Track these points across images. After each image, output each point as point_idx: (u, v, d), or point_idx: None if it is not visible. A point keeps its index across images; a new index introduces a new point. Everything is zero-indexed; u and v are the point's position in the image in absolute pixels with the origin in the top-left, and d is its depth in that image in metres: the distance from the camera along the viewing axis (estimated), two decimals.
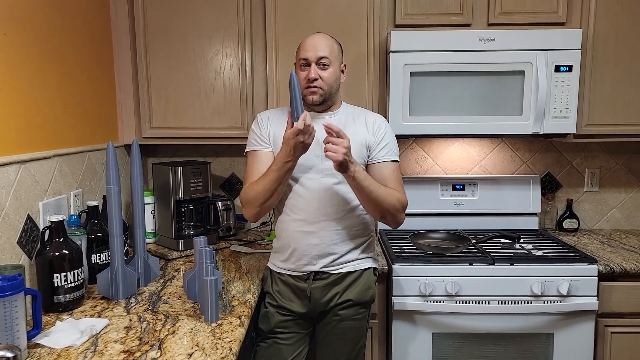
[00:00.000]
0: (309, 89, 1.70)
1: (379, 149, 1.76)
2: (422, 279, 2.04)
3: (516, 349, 2.08)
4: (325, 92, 1.71)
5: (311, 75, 1.68)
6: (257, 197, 1.67)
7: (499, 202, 2.58)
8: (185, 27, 2.27)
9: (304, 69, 1.71)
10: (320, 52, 1.69)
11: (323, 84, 1.70)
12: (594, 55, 2.25)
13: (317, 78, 1.69)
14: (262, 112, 1.88)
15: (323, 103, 1.74)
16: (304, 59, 1.70)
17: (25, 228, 1.59)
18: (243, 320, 1.50)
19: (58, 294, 1.54)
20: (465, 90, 2.20)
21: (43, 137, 1.74)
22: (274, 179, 1.63)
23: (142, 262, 1.79)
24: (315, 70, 1.68)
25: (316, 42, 1.70)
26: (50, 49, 1.78)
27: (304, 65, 1.71)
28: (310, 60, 1.69)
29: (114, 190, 1.63)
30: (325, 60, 1.69)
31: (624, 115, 2.28)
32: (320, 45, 1.70)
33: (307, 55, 1.69)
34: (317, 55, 1.68)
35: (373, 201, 1.66)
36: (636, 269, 2.05)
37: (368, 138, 1.76)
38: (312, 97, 1.71)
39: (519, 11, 2.24)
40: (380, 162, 1.76)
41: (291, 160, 1.61)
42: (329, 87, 1.71)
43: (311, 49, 1.69)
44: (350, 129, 1.74)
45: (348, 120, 1.78)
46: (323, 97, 1.72)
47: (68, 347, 1.32)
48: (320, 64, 1.69)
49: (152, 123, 2.33)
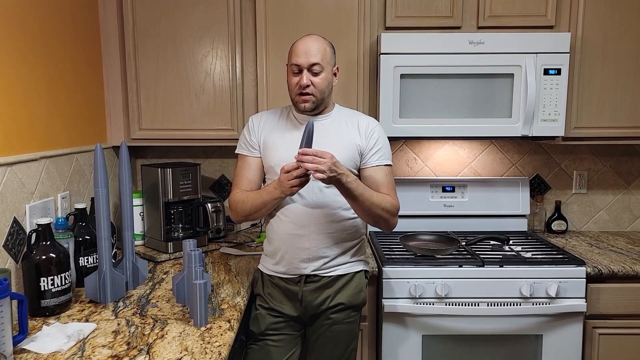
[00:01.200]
0: (300, 96, 1.69)
1: (372, 154, 1.75)
2: (412, 281, 2.04)
3: (505, 350, 2.09)
4: (317, 98, 1.70)
5: (303, 82, 1.66)
6: (244, 210, 1.73)
7: (489, 204, 2.59)
8: (175, 27, 2.25)
9: (296, 74, 1.69)
10: (313, 58, 1.66)
11: (315, 90, 1.68)
12: (582, 58, 2.27)
13: (309, 84, 1.67)
14: (254, 116, 1.87)
15: (315, 109, 1.73)
16: (296, 64, 1.67)
17: (12, 231, 1.57)
18: (232, 324, 1.49)
19: (45, 297, 1.52)
20: (455, 92, 2.21)
21: (30, 139, 1.71)
22: (264, 201, 1.68)
23: (130, 265, 1.77)
24: (307, 76, 1.66)
25: (308, 46, 1.67)
26: (37, 48, 1.76)
27: (296, 71, 1.69)
28: (302, 66, 1.66)
29: (102, 192, 1.62)
30: (317, 67, 1.67)
31: (612, 118, 2.31)
32: (312, 50, 1.67)
33: (298, 62, 1.67)
34: (310, 61, 1.66)
35: (367, 209, 1.66)
36: (623, 271, 2.07)
37: (361, 142, 1.75)
38: (304, 104, 1.70)
39: (509, 14, 2.26)
40: (373, 166, 1.75)
41: (280, 197, 1.64)
42: (321, 93, 1.70)
43: (303, 54, 1.66)
44: (342, 133, 1.74)
45: (340, 123, 1.78)
46: (315, 104, 1.71)
47: (55, 352, 1.30)
48: (312, 70, 1.67)
49: (141, 124, 2.31)
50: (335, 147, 1.64)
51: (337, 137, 1.73)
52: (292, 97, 1.73)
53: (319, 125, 1.74)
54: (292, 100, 1.75)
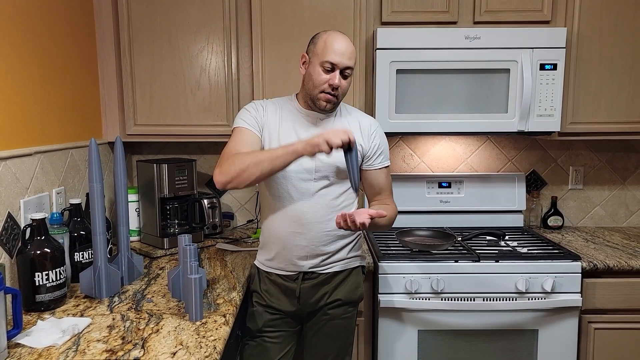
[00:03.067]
0: (327, 94, 1.65)
1: (375, 157, 1.76)
2: (408, 276, 2.04)
3: (501, 345, 2.09)
4: (338, 101, 1.69)
5: (335, 82, 1.62)
6: (242, 162, 1.54)
7: (485, 199, 2.59)
8: (170, 23, 2.25)
9: (327, 72, 1.63)
10: (349, 62, 1.63)
11: (340, 93, 1.67)
12: (578, 53, 2.27)
13: (339, 86, 1.64)
14: (257, 101, 1.80)
15: (331, 110, 1.72)
16: (332, 63, 1.62)
17: (6, 226, 1.56)
18: (228, 318, 1.49)
19: (39, 292, 1.52)
20: (451, 88, 2.21)
21: (24, 134, 1.70)
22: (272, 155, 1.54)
23: (125, 260, 1.77)
24: (339, 78, 1.63)
25: (345, 48, 1.63)
26: (32, 43, 1.75)
27: (329, 69, 1.63)
28: (338, 66, 1.62)
29: (97, 187, 1.61)
30: (349, 71, 1.65)
31: (608, 114, 2.31)
32: (349, 52, 1.63)
33: (336, 60, 1.61)
34: (346, 64, 1.62)
35: (379, 228, 1.73)
36: (619, 266, 2.08)
37: (363, 144, 1.74)
38: (327, 104, 1.67)
39: (505, 9, 2.26)
40: (376, 169, 1.77)
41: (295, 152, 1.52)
42: (343, 96, 1.70)
43: (340, 54, 1.61)
44: None
45: (343, 122, 1.76)
46: (335, 106, 1.71)
47: (49, 347, 1.30)
48: (343, 73, 1.64)
49: (136, 120, 2.31)
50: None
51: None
52: (315, 92, 1.66)
53: (322, 122, 1.74)
54: (311, 94, 1.68)
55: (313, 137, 1.52)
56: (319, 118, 1.74)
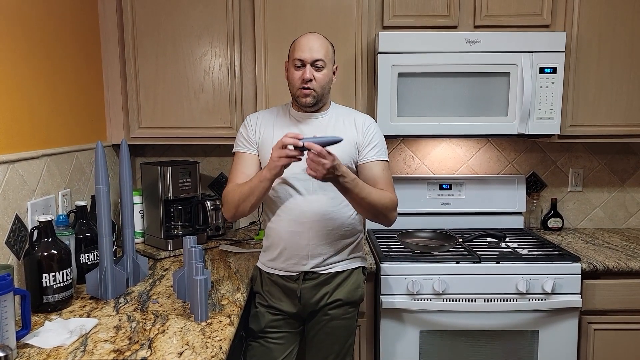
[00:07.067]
0: (302, 90, 1.70)
1: (369, 149, 1.77)
2: (409, 277, 2.06)
3: (502, 346, 2.11)
4: (318, 94, 1.72)
5: (306, 76, 1.68)
6: (234, 200, 1.70)
7: (485, 201, 2.61)
8: (174, 26, 2.27)
9: (298, 68, 1.70)
10: (316, 54, 1.68)
11: (316, 85, 1.70)
12: (577, 57, 2.29)
13: (312, 79, 1.69)
14: (251, 114, 1.88)
15: (315, 104, 1.75)
16: (300, 59, 1.69)
17: (14, 228, 1.58)
18: (233, 319, 1.51)
19: (47, 294, 1.54)
20: (452, 91, 2.23)
21: (31, 137, 1.73)
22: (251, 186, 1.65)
23: (131, 261, 1.79)
24: (310, 71, 1.68)
25: (312, 43, 1.70)
26: (38, 47, 1.78)
27: (299, 65, 1.70)
28: (306, 61, 1.68)
29: (102, 190, 1.63)
30: (320, 62, 1.69)
31: (607, 116, 2.33)
32: (316, 46, 1.69)
33: (302, 56, 1.69)
34: (313, 57, 1.68)
35: (365, 206, 1.67)
36: (618, 267, 2.10)
37: (358, 138, 1.77)
38: (306, 99, 1.71)
39: (505, 14, 2.28)
40: (370, 162, 1.77)
41: (266, 178, 1.61)
42: (322, 89, 1.72)
43: (307, 49, 1.69)
44: (340, 130, 1.76)
45: (338, 121, 1.80)
46: (316, 99, 1.73)
47: (57, 347, 1.32)
48: (315, 65, 1.69)
49: (140, 123, 2.33)
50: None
51: (334, 134, 1.75)
52: (294, 91, 1.74)
53: (316, 122, 1.77)
54: (293, 95, 1.76)
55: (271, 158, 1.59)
56: (312, 117, 1.78)
